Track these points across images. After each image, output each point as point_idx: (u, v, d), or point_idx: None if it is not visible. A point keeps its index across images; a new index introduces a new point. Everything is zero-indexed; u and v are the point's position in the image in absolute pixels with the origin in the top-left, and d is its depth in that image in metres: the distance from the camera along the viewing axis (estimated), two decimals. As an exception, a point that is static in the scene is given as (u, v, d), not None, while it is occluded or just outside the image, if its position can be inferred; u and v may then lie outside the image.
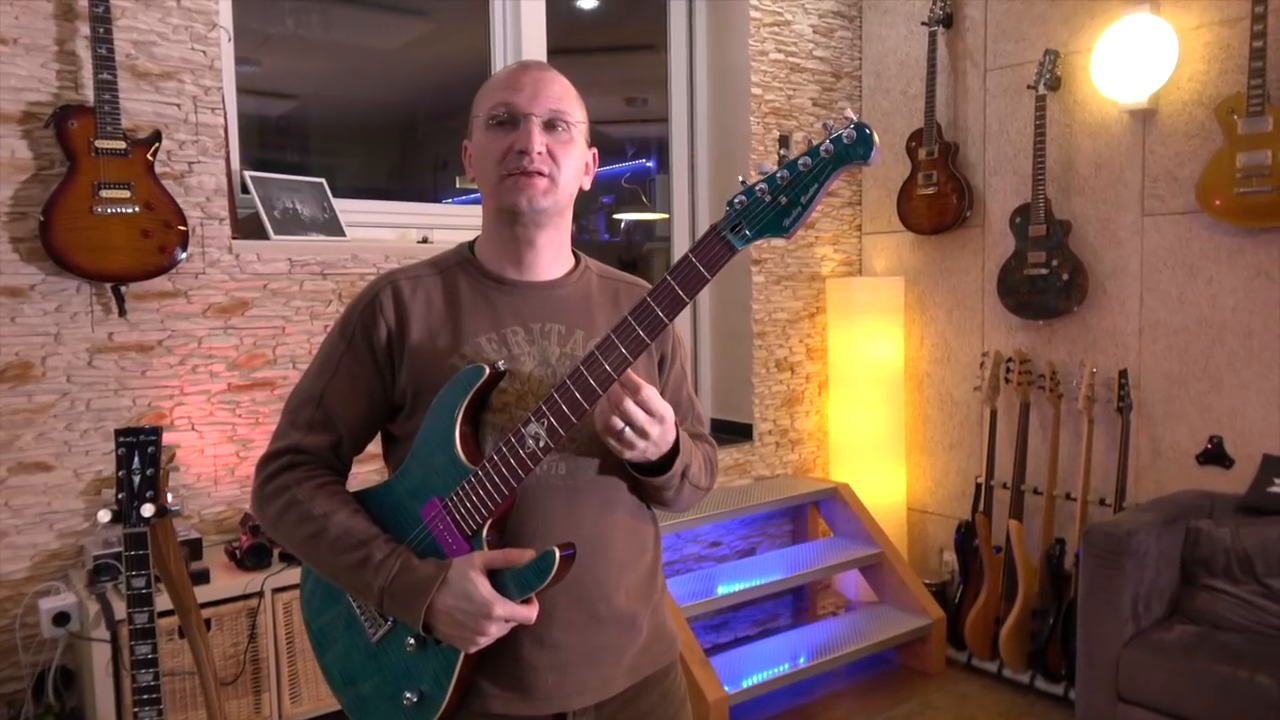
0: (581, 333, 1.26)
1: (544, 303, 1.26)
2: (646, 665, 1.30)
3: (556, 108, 1.22)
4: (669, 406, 1.16)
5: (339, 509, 1.19)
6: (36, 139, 2.25)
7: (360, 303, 1.26)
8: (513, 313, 1.25)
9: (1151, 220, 3.09)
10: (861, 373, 3.70)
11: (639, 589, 1.28)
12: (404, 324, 1.23)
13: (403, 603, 1.13)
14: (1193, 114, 2.97)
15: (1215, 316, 2.96)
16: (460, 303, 1.25)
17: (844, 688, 3.34)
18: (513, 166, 1.20)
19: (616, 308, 1.31)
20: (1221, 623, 2.64)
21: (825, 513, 3.68)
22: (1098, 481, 3.21)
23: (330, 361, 1.26)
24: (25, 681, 2.23)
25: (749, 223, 1.02)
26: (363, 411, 1.25)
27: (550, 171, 1.21)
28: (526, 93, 1.22)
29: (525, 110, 1.21)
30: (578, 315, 1.27)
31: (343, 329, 1.26)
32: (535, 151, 1.19)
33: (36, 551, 2.28)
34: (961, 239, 3.61)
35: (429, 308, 1.24)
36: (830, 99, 3.80)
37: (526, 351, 1.23)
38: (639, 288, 1.36)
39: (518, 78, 1.23)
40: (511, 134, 1.21)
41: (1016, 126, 3.41)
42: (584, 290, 1.31)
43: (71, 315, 2.31)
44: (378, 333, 1.23)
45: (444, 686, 1.17)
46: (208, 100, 2.47)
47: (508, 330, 1.23)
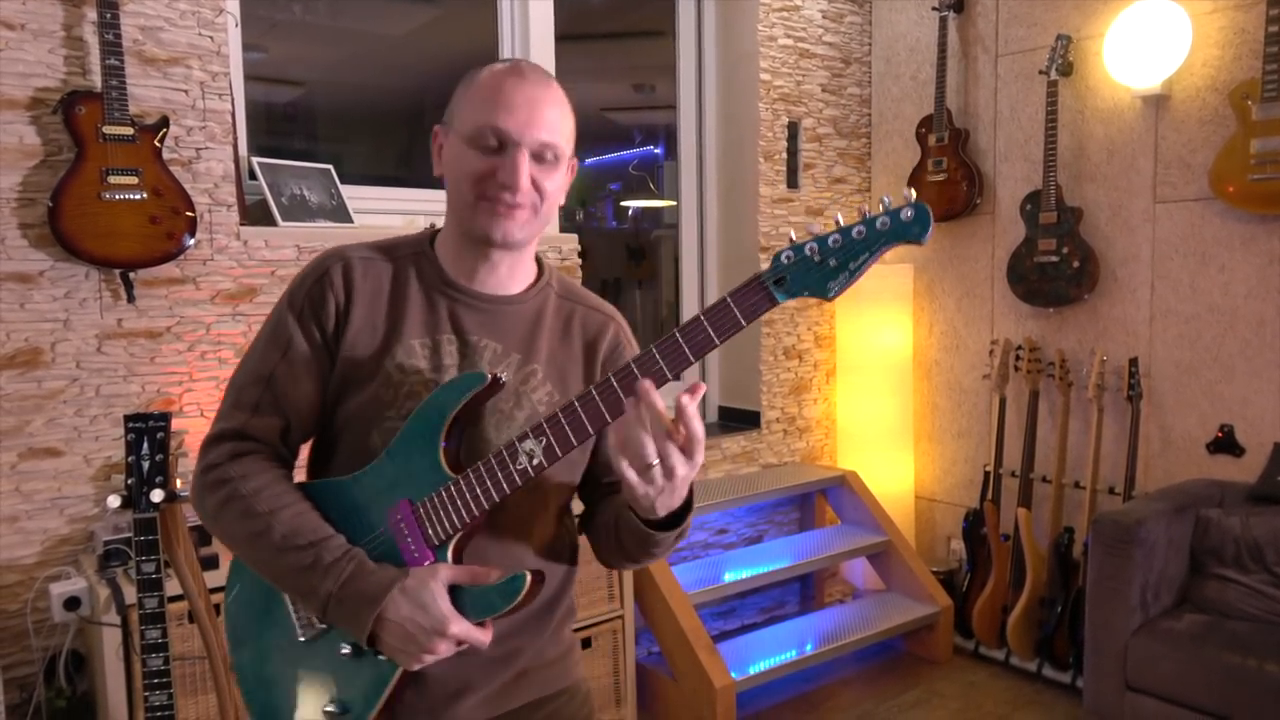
0: (518, 356, 1.19)
1: (489, 317, 1.19)
2: (524, 693, 1.23)
3: (549, 139, 1.13)
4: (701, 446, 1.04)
5: (287, 505, 1.11)
6: (44, 125, 2.25)
7: (310, 277, 1.18)
8: (453, 321, 1.18)
9: (1164, 207, 3.07)
10: (870, 360, 3.69)
11: (520, 627, 1.20)
12: (350, 306, 1.17)
13: (351, 610, 1.05)
14: (1206, 100, 2.94)
15: (1227, 304, 2.94)
16: (405, 299, 1.18)
17: (851, 675, 3.34)
18: (492, 193, 1.13)
19: (568, 334, 1.24)
20: (1231, 612, 2.63)
21: (833, 500, 3.68)
22: (1107, 470, 3.20)
23: (279, 337, 1.17)
24: (37, 665, 2.24)
25: (794, 279, 0.99)
26: (313, 394, 1.16)
27: (533, 203, 1.14)
28: (520, 117, 1.12)
29: (515, 139, 1.12)
30: (521, 338, 1.20)
31: (290, 302, 1.18)
32: (522, 188, 1.12)
33: (47, 536, 2.29)
34: (971, 226, 3.59)
35: (374, 297, 1.18)
36: (840, 85, 3.77)
37: (456, 364, 1.17)
38: (598, 314, 1.28)
39: (511, 96, 1.12)
40: (495, 159, 1.12)
41: (1028, 112, 3.39)
42: (537, 310, 1.23)
43: (80, 301, 2.31)
44: (326, 310, 1.16)
45: (372, 703, 1.09)
46: (215, 86, 2.47)
47: (443, 338, 1.17)
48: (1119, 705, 2.61)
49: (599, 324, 1.27)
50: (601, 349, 1.26)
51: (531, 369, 1.20)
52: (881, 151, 3.86)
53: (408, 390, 1.14)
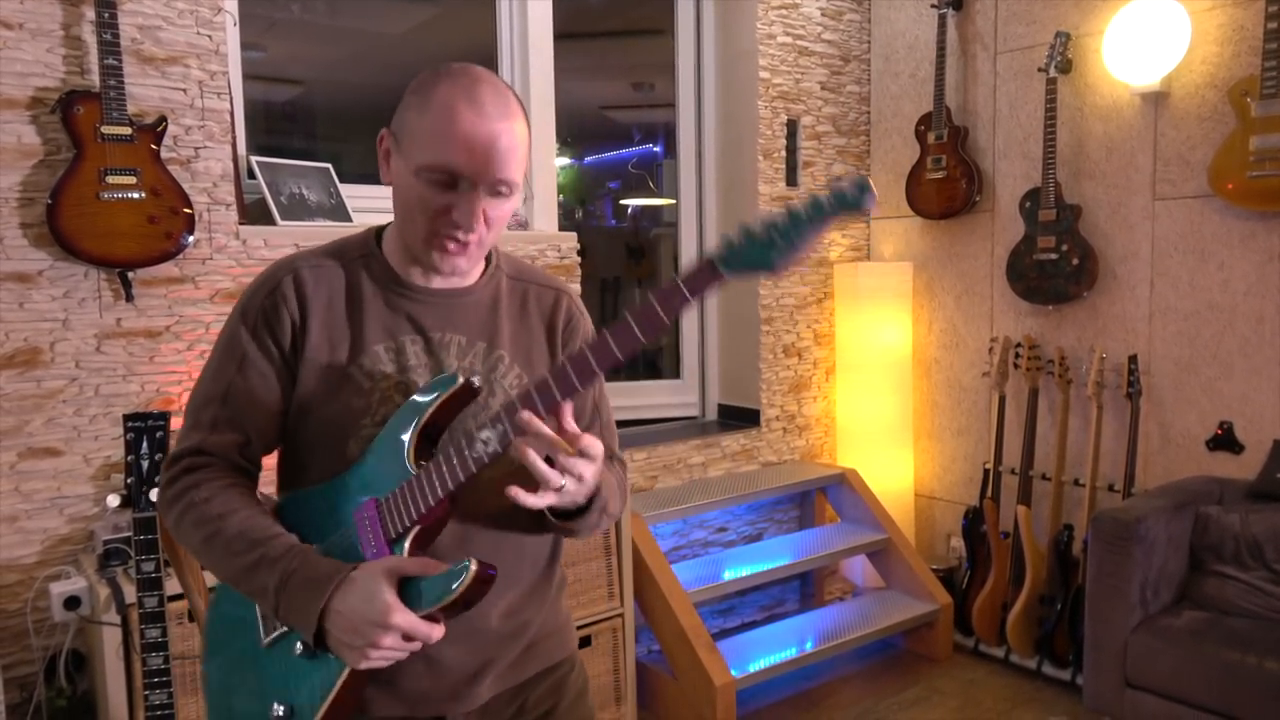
0: (483, 344, 1.20)
1: (448, 311, 1.20)
2: (533, 665, 1.26)
3: (504, 176, 1.10)
4: (599, 444, 1.09)
5: (238, 509, 1.11)
6: (43, 124, 2.25)
7: (261, 290, 1.17)
8: (412, 321, 1.18)
9: (1163, 204, 3.07)
10: (869, 358, 3.69)
11: (527, 600, 1.24)
12: (305, 319, 1.15)
13: (300, 603, 1.04)
14: (1205, 97, 2.94)
15: (1226, 301, 2.94)
16: (361, 304, 1.17)
17: (851, 673, 3.35)
18: (444, 231, 1.11)
19: (525, 314, 1.26)
20: (1230, 609, 2.63)
21: (832, 498, 3.68)
22: (1106, 467, 3.20)
23: (232, 354, 1.16)
24: (37, 665, 2.24)
25: (739, 255, 1.01)
26: (272, 408, 1.16)
27: (482, 237, 1.14)
28: (478, 158, 1.08)
29: (472, 181, 1.09)
30: (481, 325, 1.21)
31: (244, 317, 1.17)
32: (477, 230, 1.11)
33: (47, 536, 2.30)
34: (970, 224, 3.59)
35: (329, 306, 1.17)
36: (839, 83, 3.77)
37: (424, 363, 1.17)
38: (549, 289, 1.29)
39: (470, 133, 1.08)
40: (448, 195, 1.10)
41: (1027, 110, 3.39)
42: (492, 296, 1.24)
43: (79, 301, 2.31)
44: (281, 325, 1.15)
45: (318, 702, 1.08)
46: (214, 85, 2.47)
47: (405, 339, 1.17)
48: (1119, 702, 2.61)
49: (552, 300, 1.29)
50: (559, 324, 1.28)
51: (498, 355, 1.22)
52: (880, 149, 3.86)
53: (380, 396, 1.15)
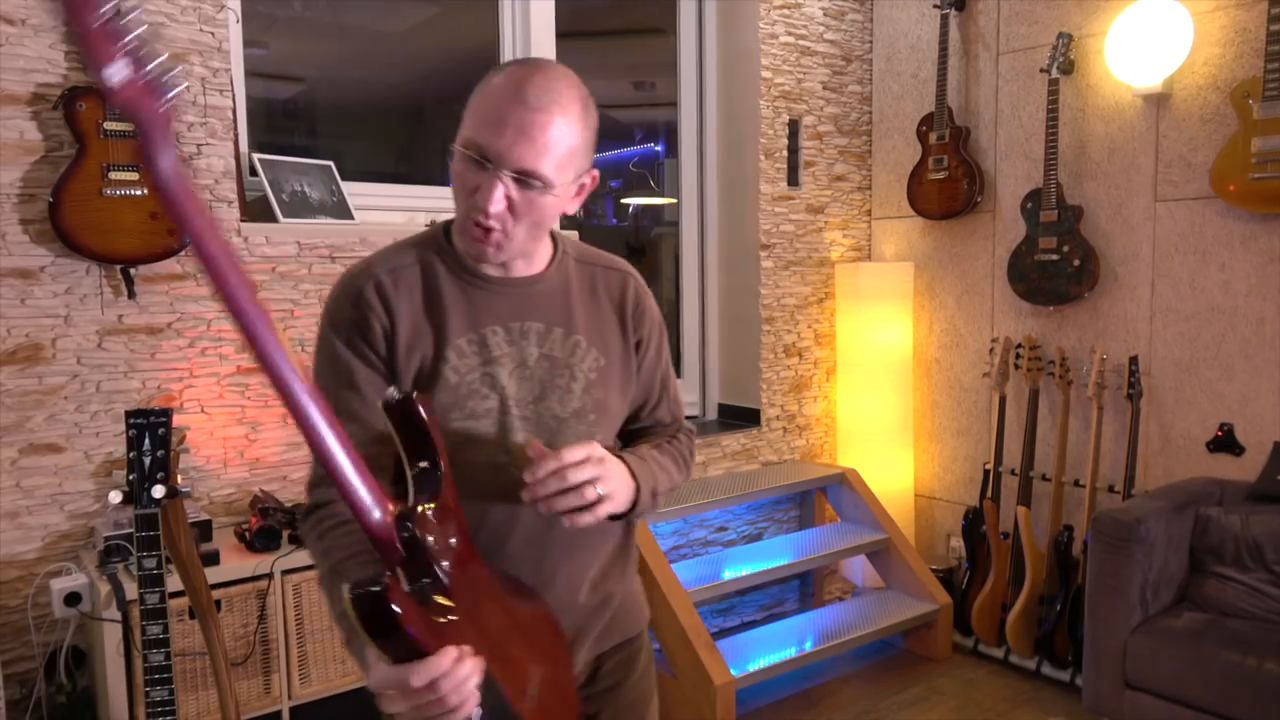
0: (560, 330, 1.22)
1: (522, 300, 1.22)
2: (613, 636, 1.33)
3: (531, 167, 1.09)
4: (587, 445, 1.10)
5: (331, 551, 1.10)
6: (45, 120, 2.25)
7: (345, 301, 1.17)
8: (491, 311, 1.20)
9: (1164, 206, 3.07)
10: (870, 358, 3.69)
11: (608, 572, 1.30)
12: (394, 323, 1.17)
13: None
14: (1207, 98, 2.94)
15: (1227, 303, 2.94)
16: (440, 299, 1.19)
17: (850, 673, 3.35)
18: (471, 213, 1.12)
19: (595, 296, 1.28)
20: (1230, 610, 2.63)
21: (832, 498, 3.68)
22: (1106, 468, 3.20)
23: (337, 372, 1.16)
24: (37, 661, 2.24)
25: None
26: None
27: (505, 228, 1.12)
28: (505, 140, 1.08)
29: (494, 162, 1.09)
30: (556, 311, 1.23)
31: (335, 331, 1.17)
32: (491, 212, 1.10)
33: (48, 532, 2.30)
34: (972, 224, 3.59)
35: (412, 305, 1.18)
36: (841, 82, 3.77)
37: (506, 353, 1.19)
38: (615, 271, 1.32)
39: (503, 114, 1.09)
40: (479, 175, 1.10)
41: (1029, 111, 3.39)
42: (562, 281, 1.25)
43: (81, 297, 2.31)
44: (373, 333, 1.16)
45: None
46: (216, 82, 2.47)
47: (487, 330, 1.19)
48: (1118, 703, 2.61)
49: (619, 281, 1.31)
50: (629, 305, 1.30)
51: (576, 340, 1.24)
52: (882, 149, 3.86)
53: (466, 390, 1.17)
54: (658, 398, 1.36)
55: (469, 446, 1.17)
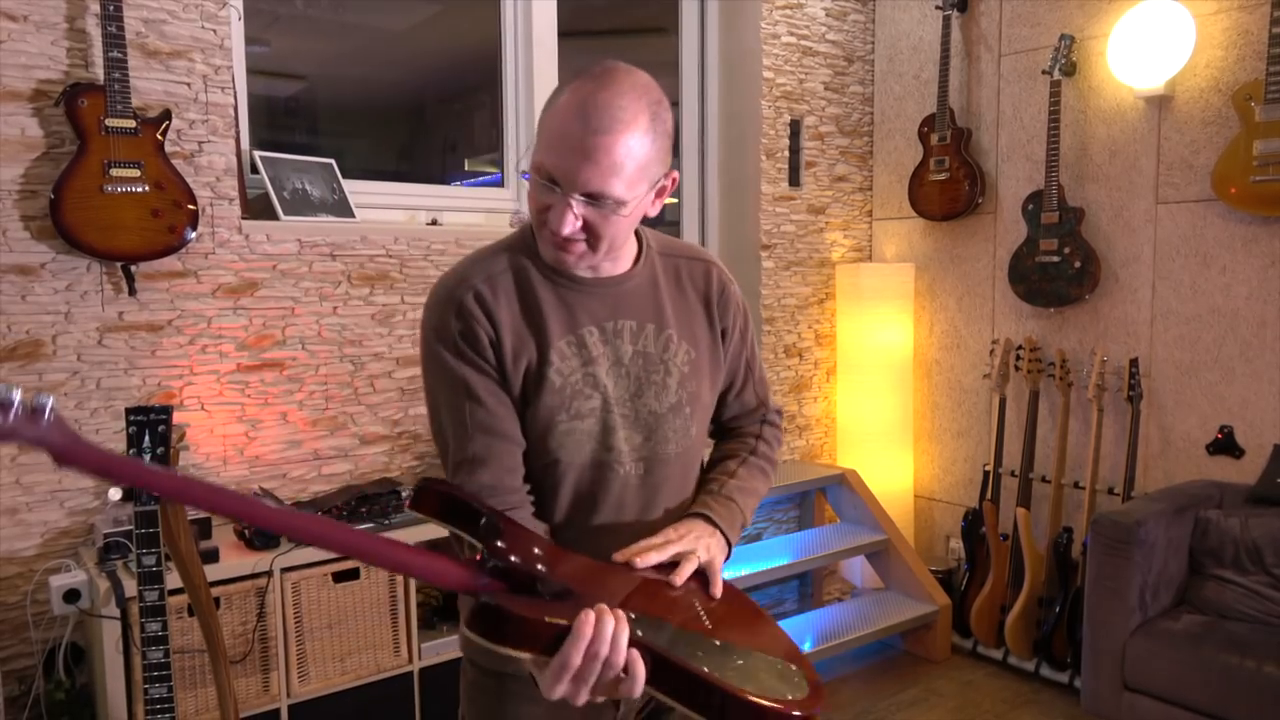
0: (652, 326, 1.24)
1: (615, 298, 1.23)
2: None
3: (599, 190, 1.08)
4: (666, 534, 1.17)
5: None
6: (47, 117, 2.25)
7: (447, 314, 1.17)
8: (586, 312, 1.21)
9: (1165, 208, 3.07)
10: (870, 359, 3.69)
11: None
12: (498, 332, 1.17)
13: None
14: (1209, 101, 2.94)
15: (1228, 306, 2.94)
16: (537, 303, 1.19)
17: (849, 673, 3.35)
18: (548, 228, 1.13)
19: (682, 290, 1.29)
20: (1229, 613, 2.63)
21: (832, 499, 3.68)
22: (1106, 471, 3.20)
23: (455, 387, 1.16)
24: (36, 658, 2.24)
25: None
26: (515, 414, 1.18)
27: (586, 242, 1.14)
28: (570, 164, 1.08)
29: (563, 186, 1.09)
30: (646, 308, 1.25)
31: (443, 345, 1.17)
32: (564, 235, 1.11)
33: (47, 529, 2.29)
34: (973, 225, 3.59)
35: (511, 311, 1.18)
36: (843, 83, 3.77)
37: (602, 352, 1.21)
38: (699, 262, 1.32)
39: (568, 137, 1.08)
40: (550, 195, 1.11)
41: (1030, 112, 3.39)
42: (650, 278, 1.27)
43: (82, 294, 2.31)
44: (481, 343, 1.16)
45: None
46: (218, 80, 2.47)
47: (584, 331, 1.20)
48: (1117, 705, 2.61)
49: (703, 272, 1.32)
50: (714, 295, 1.31)
51: (668, 335, 1.25)
52: (883, 150, 3.86)
53: (571, 391, 1.19)
54: (743, 381, 1.38)
55: (576, 446, 1.19)
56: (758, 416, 1.43)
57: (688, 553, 1.15)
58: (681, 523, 1.22)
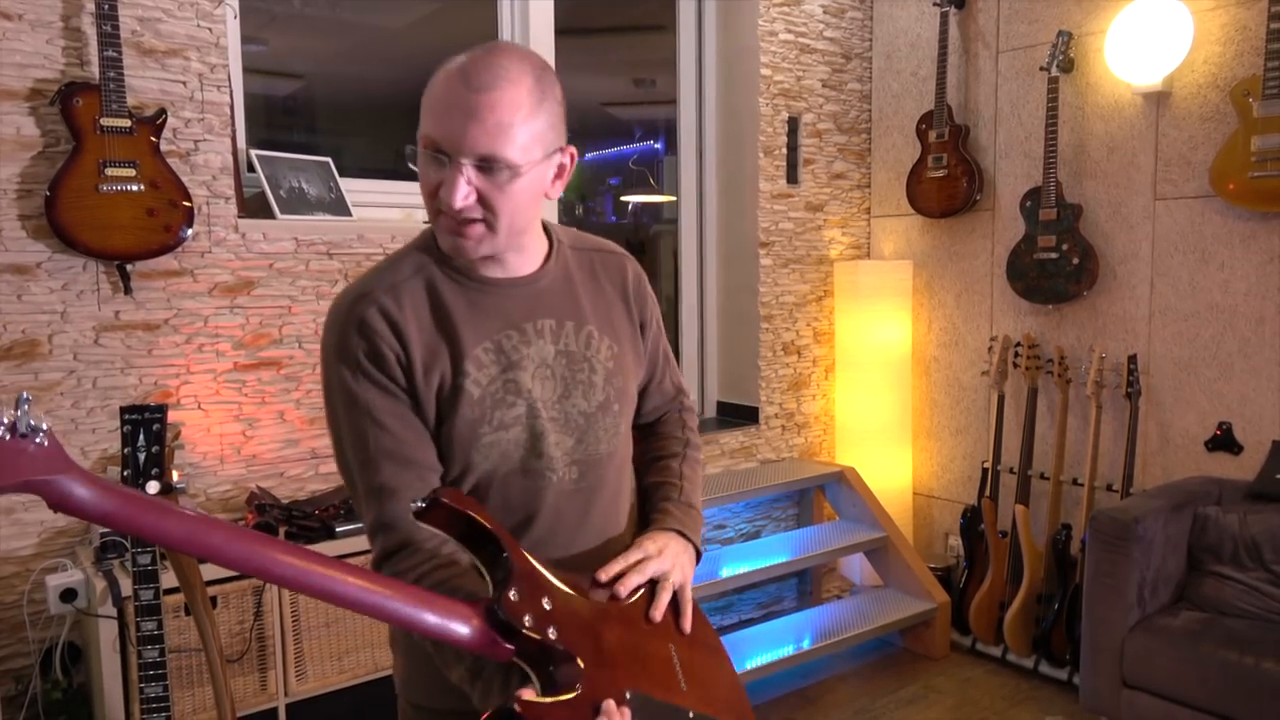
0: (571, 323, 1.20)
1: (530, 298, 1.18)
2: None
3: (488, 151, 1.03)
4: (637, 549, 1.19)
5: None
6: (42, 116, 2.24)
7: (349, 330, 1.10)
8: (501, 315, 1.16)
9: (1164, 204, 3.07)
10: (869, 357, 3.69)
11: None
12: (406, 347, 1.10)
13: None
14: (1207, 97, 2.94)
15: (1227, 302, 2.94)
16: (448, 311, 1.13)
17: (848, 670, 3.35)
18: (442, 207, 1.06)
19: (597, 283, 1.26)
20: (1228, 609, 2.63)
21: (831, 496, 3.68)
22: (1105, 467, 3.20)
23: (358, 410, 1.09)
24: (33, 658, 2.24)
25: None
26: (426, 439, 1.12)
27: (484, 218, 1.07)
28: (456, 126, 1.02)
29: (451, 153, 1.03)
30: (564, 305, 1.20)
31: (344, 364, 1.09)
32: (457, 208, 1.05)
33: (44, 528, 2.29)
34: (971, 223, 3.58)
35: (420, 325, 1.12)
36: (840, 80, 3.76)
37: (524, 355, 1.16)
38: (612, 255, 1.30)
39: (452, 102, 1.03)
40: (440, 172, 1.05)
41: (1028, 109, 3.38)
42: (564, 274, 1.23)
43: (78, 293, 2.31)
44: (386, 361, 1.09)
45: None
46: (213, 78, 2.46)
47: (501, 337, 1.15)
48: (1115, 702, 2.61)
49: (618, 265, 1.30)
50: (630, 288, 1.29)
51: (588, 331, 1.22)
52: (881, 147, 3.86)
53: (491, 401, 1.13)
54: (662, 370, 1.37)
55: (502, 458, 1.14)
56: (676, 404, 1.43)
57: (663, 576, 1.18)
58: (652, 537, 1.22)
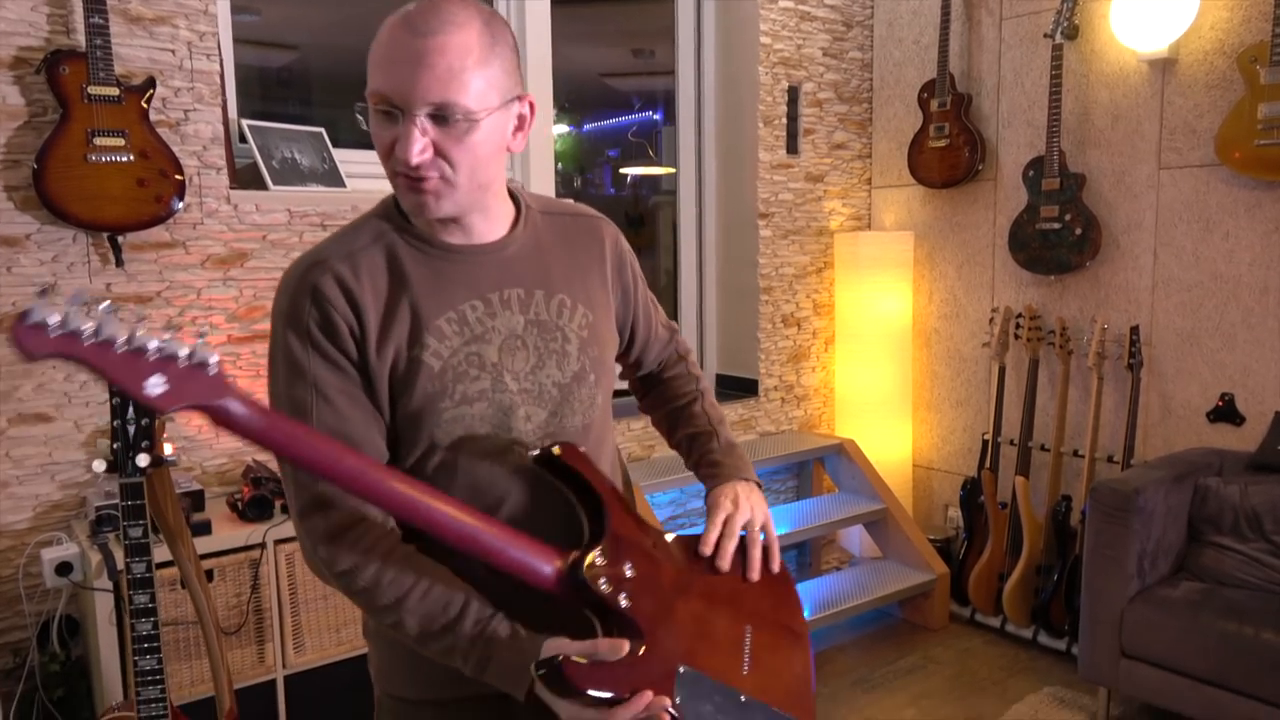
0: (541, 292, 1.15)
1: (496, 268, 1.13)
2: None
3: (441, 99, 0.99)
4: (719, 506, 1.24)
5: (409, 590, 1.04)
6: (28, 85, 2.21)
7: (301, 298, 1.05)
8: (465, 284, 1.11)
9: (1168, 173, 3.03)
10: (869, 328, 3.66)
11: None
12: (360, 318, 1.05)
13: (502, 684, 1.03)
14: (1214, 63, 2.89)
15: (1231, 272, 2.91)
16: (407, 281, 1.08)
17: (847, 641, 3.35)
18: (398, 166, 1.02)
19: (572, 250, 1.21)
20: (1228, 580, 2.62)
21: (830, 468, 3.67)
22: (1106, 439, 3.18)
23: (304, 382, 1.05)
24: (30, 630, 2.24)
25: None
26: (372, 422, 1.07)
27: (442, 173, 1.02)
28: (404, 77, 0.98)
29: (403, 106, 0.99)
30: (533, 273, 1.15)
31: (294, 333, 1.05)
32: (413, 163, 1.00)
33: (39, 502, 2.29)
34: (973, 193, 3.54)
35: (376, 294, 1.07)
36: (841, 49, 3.71)
37: (490, 327, 1.11)
38: (586, 218, 1.25)
39: (399, 51, 0.99)
40: (393, 128, 1.01)
41: (1031, 77, 3.33)
42: (532, 240, 1.17)
43: (68, 265, 2.28)
44: (339, 332, 1.05)
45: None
46: (202, 46, 2.42)
47: (465, 307, 1.10)
48: (1114, 672, 2.61)
49: (592, 229, 1.25)
50: (608, 252, 1.25)
51: (560, 299, 1.17)
52: (883, 117, 3.81)
53: (453, 375, 1.09)
54: (654, 320, 1.37)
55: (467, 434, 1.10)
56: (672, 347, 1.42)
57: (750, 527, 1.24)
58: (722, 490, 1.26)
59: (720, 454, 1.31)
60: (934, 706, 2.91)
